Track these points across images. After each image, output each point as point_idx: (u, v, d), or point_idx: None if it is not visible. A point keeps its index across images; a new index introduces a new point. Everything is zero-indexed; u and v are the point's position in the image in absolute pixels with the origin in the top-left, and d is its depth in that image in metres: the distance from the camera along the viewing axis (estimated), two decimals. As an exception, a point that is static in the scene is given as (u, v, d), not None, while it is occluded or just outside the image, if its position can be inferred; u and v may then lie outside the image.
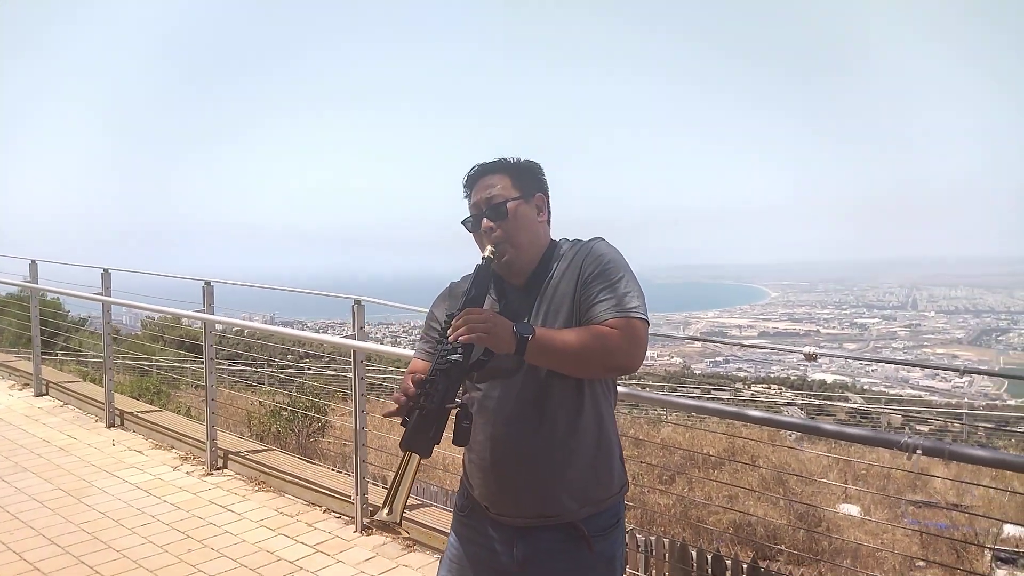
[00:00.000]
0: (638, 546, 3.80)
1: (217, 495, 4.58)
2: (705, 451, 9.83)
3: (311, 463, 5.03)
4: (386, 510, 1.51)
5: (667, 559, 3.87)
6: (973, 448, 2.04)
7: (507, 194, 1.79)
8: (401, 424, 1.56)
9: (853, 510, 9.36)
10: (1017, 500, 9.50)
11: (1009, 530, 9.20)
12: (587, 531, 1.76)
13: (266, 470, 4.77)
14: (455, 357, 1.57)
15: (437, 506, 4.13)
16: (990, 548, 8.12)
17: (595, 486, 1.78)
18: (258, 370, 14.77)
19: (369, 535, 4.00)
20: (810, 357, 6.65)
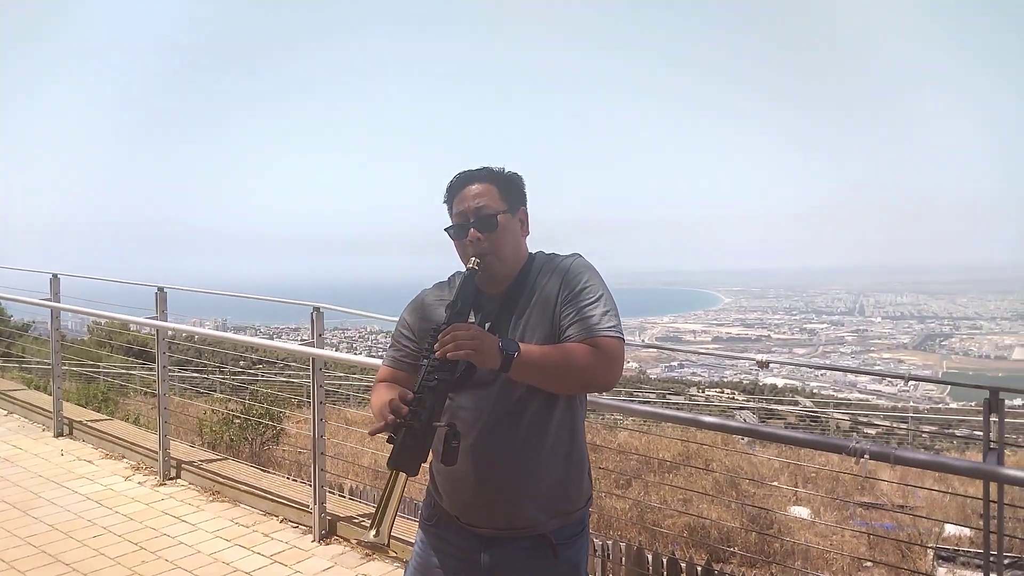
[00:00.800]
0: (595, 550, 3.85)
1: (170, 505, 4.50)
2: (660, 455, 9.97)
3: (267, 472, 4.98)
4: (373, 532, 1.46)
5: (623, 563, 3.93)
6: (917, 452, 2.13)
7: (495, 205, 1.80)
8: (388, 441, 1.55)
9: (803, 512, 9.58)
10: (957, 501, 9.85)
11: (950, 529, 9.52)
12: (554, 540, 1.79)
13: (221, 480, 4.70)
14: (443, 375, 1.57)
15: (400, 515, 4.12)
16: (932, 547, 8.42)
17: (564, 500, 1.81)
18: (208, 377, 14.50)
19: (327, 544, 3.97)
20: (762, 365, 6.81)
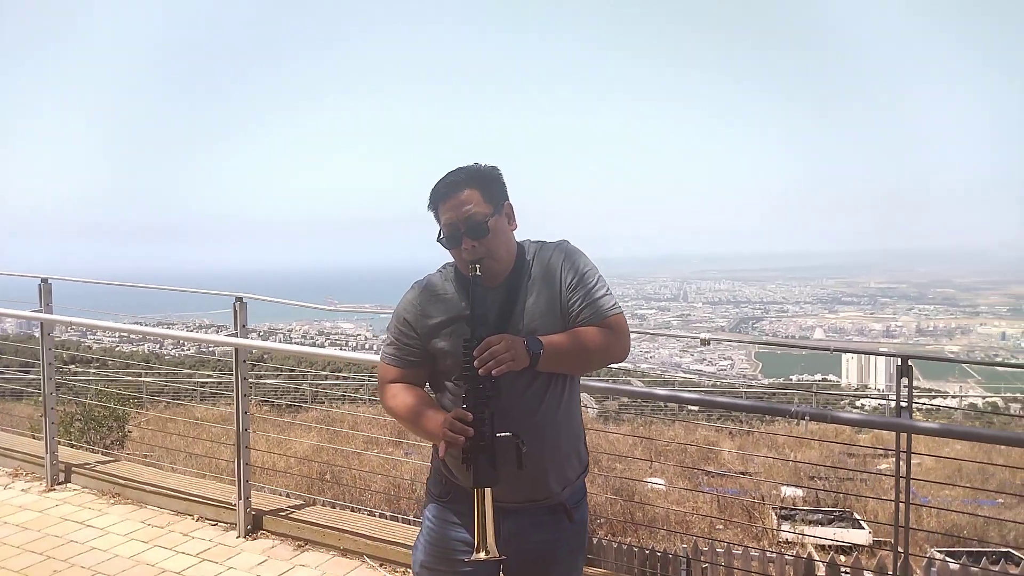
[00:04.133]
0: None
1: (68, 511, 4.22)
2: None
3: (174, 471, 4.77)
4: (483, 552, 1.65)
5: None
6: (849, 412, 2.53)
7: (482, 210, 1.86)
8: (463, 463, 1.71)
9: (659, 483, 10.38)
10: (789, 466, 11.09)
11: (786, 491, 10.71)
12: (569, 506, 1.99)
13: (120, 481, 4.47)
14: (490, 389, 1.73)
15: (325, 501, 4.15)
16: (773, 508, 9.45)
17: (573, 468, 2.01)
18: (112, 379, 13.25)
19: (254, 539, 3.92)
20: (704, 342, 7.57)
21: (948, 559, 5.75)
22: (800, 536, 8.19)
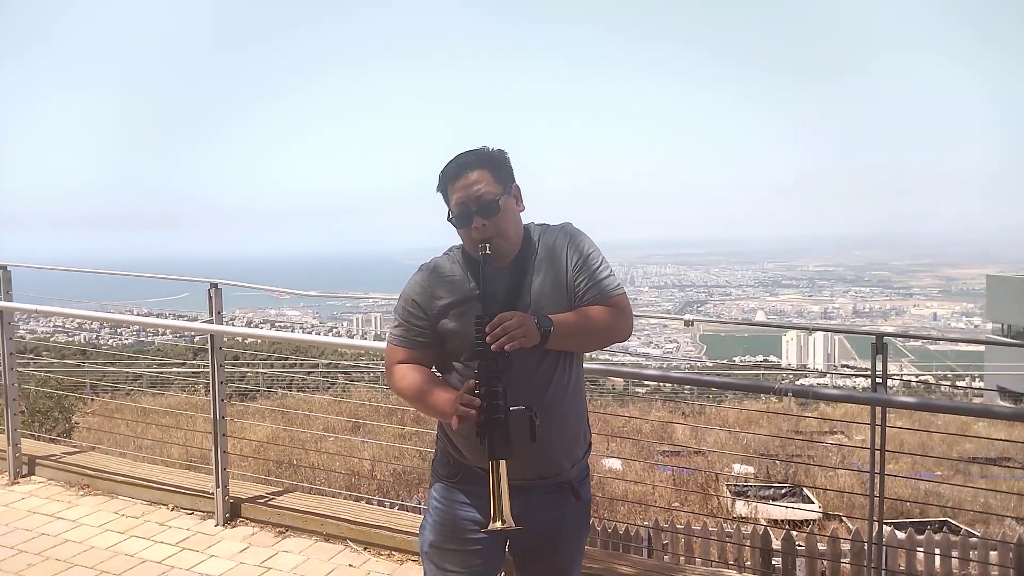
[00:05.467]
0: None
1: (36, 504, 4.12)
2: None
3: (145, 461, 4.69)
4: (499, 522, 1.68)
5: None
6: (829, 389, 2.68)
7: (493, 190, 1.91)
8: (478, 435, 1.74)
9: (616, 464, 10.60)
10: (740, 444, 11.45)
11: (737, 468, 11.06)
12: (576, 484, 2.06)
13: (90, 473, 4.37)
14: (502, 364, 1.76)
15: (303, 487, 4.15)
16: (727, 484, 9.76)
17: (579, 447, 2.08)
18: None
19: (233, 527, 3.90)
20: (688, 323, 7.77)
21: (896, 531, 6.07)
22: (754, 511, 8.51)
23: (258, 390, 12.09)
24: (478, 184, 1.91)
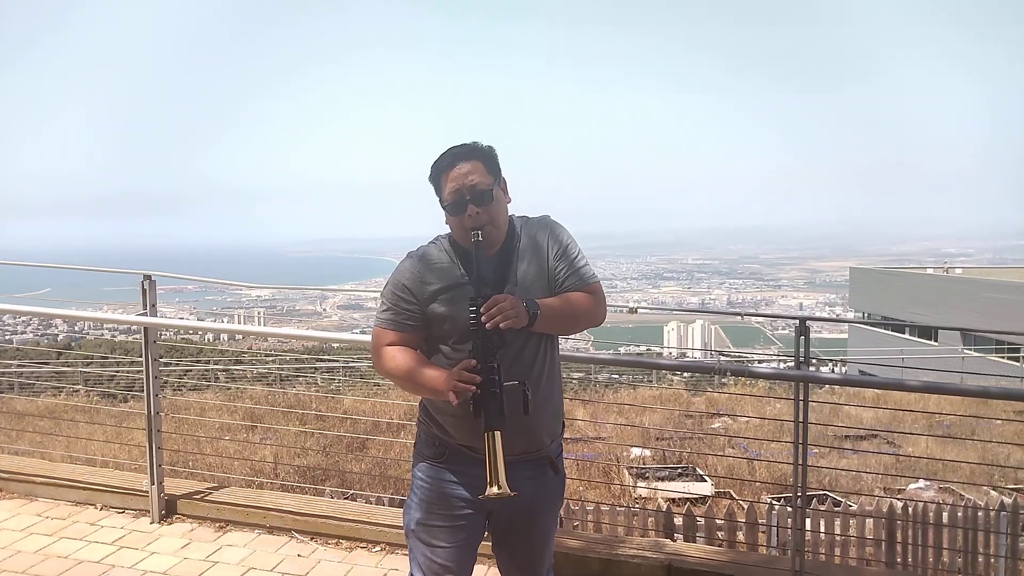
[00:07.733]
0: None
1: (-55, 511, 3.89)
2: (389, 417, 10.38)
3: (59, 460, 4.49)
4: (495, 488, 1.84)
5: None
6: (764, 367, 2.98)
7: (486, 180, 2.05)
8: (473, 410, 1.88)
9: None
10: (637, 430, 12.00)
11: (635, 452, 11.60)
12: (555, 459, 2.25)
13: (3, 475, 4.16)
14: (497, 341, 1.92)
15: (239, 479, 4.12)
16: (627, 467, 10.25)
17: (558, 423, 2.27)
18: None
19: (170, 524, 3.84)
20: (631, 311, 7.97)
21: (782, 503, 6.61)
22: (654, 491, 9.00)
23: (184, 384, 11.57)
24: (472, 175, 2.05)
